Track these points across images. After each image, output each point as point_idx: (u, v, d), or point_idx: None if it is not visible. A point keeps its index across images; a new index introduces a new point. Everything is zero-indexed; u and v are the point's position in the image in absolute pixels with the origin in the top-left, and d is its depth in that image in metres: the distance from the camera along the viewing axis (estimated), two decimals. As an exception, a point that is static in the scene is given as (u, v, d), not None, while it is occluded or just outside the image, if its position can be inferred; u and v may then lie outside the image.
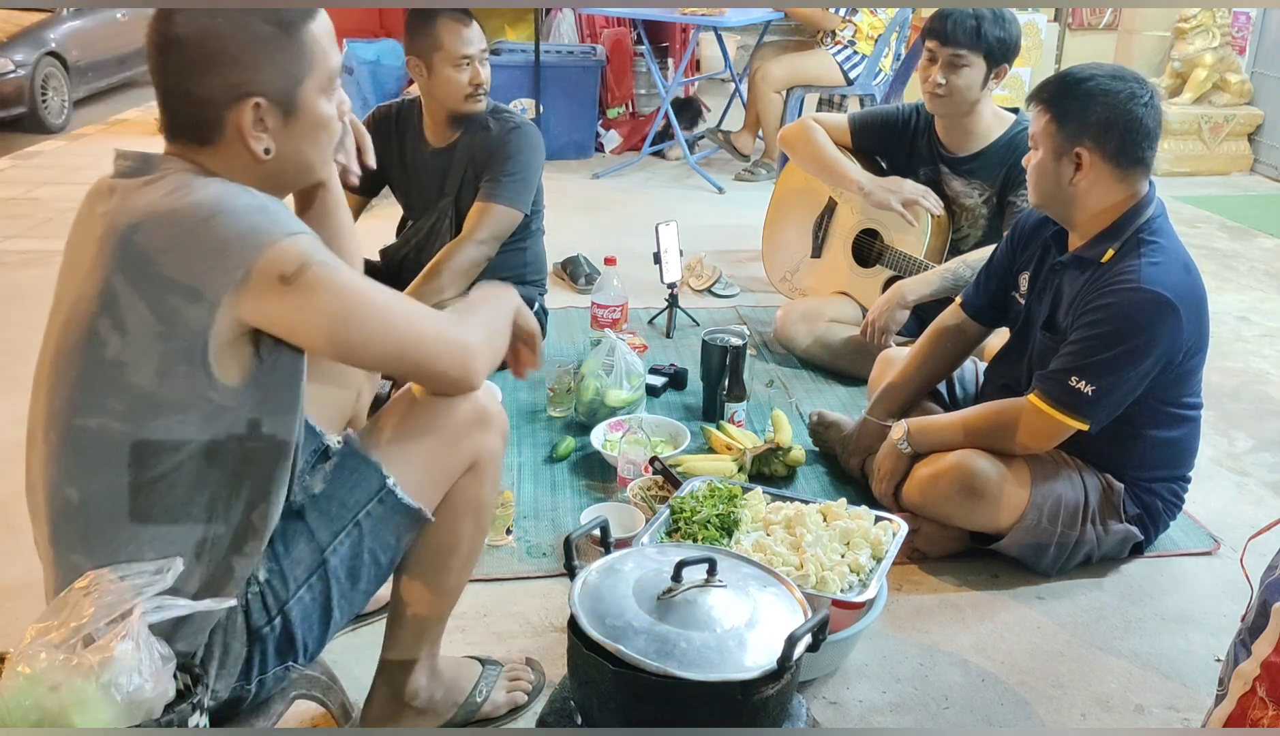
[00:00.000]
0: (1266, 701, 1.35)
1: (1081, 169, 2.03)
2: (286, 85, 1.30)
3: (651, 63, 6.11)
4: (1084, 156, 2.02)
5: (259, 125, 1.29)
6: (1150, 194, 2.09)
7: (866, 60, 5.21)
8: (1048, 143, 2.06)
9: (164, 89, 1.30)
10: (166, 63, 1.28)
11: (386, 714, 1.65)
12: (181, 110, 1.30)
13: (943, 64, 2.81)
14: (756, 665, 1.27)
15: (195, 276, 1.21)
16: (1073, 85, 2.03)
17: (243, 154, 1.31)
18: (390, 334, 1.33)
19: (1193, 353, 2.09)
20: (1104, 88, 2.01)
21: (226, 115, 1.28)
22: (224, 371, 1.25)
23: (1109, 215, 2.07)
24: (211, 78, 1.27)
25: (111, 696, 1.14)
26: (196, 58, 1.26)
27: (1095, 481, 2.17)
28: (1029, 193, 2.16)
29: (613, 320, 3.18)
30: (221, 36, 1.26)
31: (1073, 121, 2.02)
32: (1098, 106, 2.00)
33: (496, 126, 2.87)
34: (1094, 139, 2.01)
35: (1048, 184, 2.09)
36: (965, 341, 2.46)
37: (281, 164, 1.34)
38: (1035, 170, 2.10)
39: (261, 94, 1.28)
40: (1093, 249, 2.09)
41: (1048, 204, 2.13)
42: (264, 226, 1.23)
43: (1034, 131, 2.10)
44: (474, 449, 1.51)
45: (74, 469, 1.28)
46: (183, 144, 1.32)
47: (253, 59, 1.28)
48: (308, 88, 1.33)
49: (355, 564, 1.44)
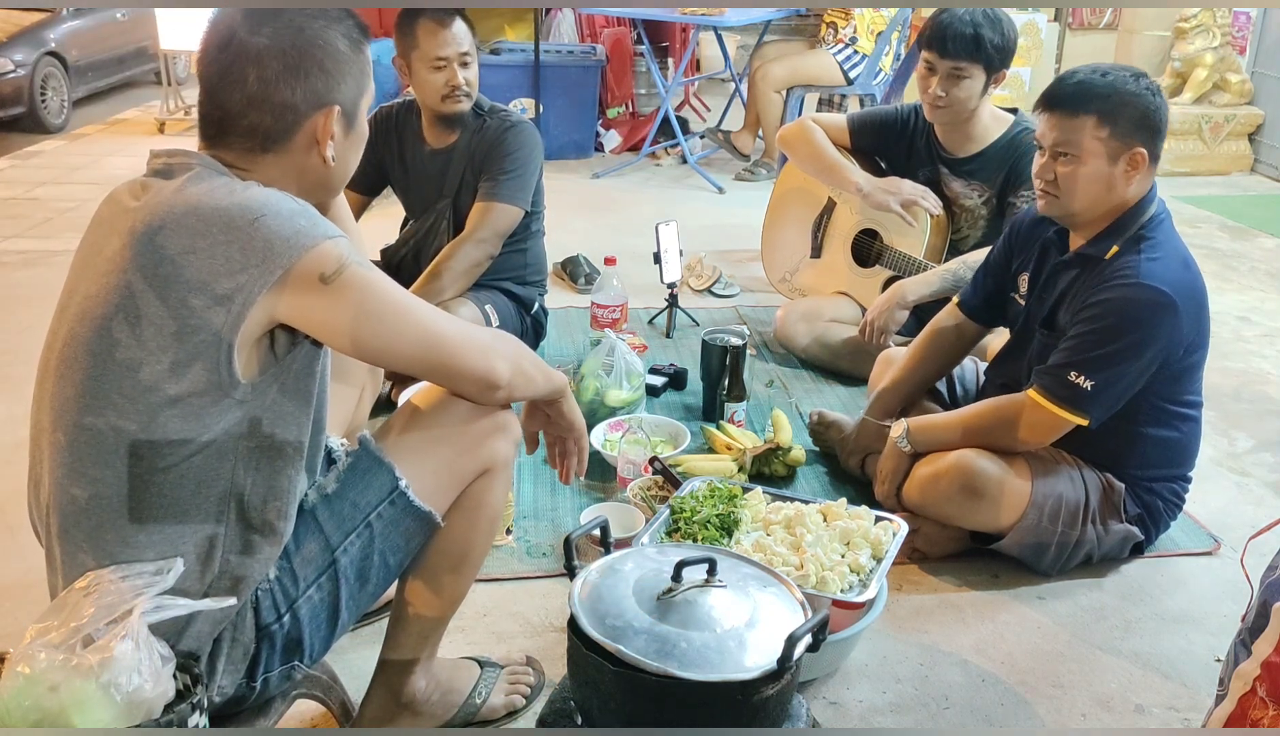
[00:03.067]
0: (1267, 701, 1.35)
1: (1137, 170, 2.03)
2: (355, 97, 1.40)
3: (651, 63, 6.11)
4: (1141, 157, 2.02)
5: (331, 134, 1.37)
6: (1153, 192, 2.09)
7: (867, 60, 5.21)
8: (1100, 148, 2.01)
9: (240, 94, 1.32)
10: (251, 70, 1.31)
11: (384, 715, 1.64)
12: (253, 115, 1.33)
13: (942, 76, 2.81)
14: (756, 665, 1.27)
15: (233, 275, 1.23)
16: (1109, 88, 2.01)
17: (304, 161, 1.38)
18: (417, 333, 1.37)
19: (1192, 350, 2.09)
20: (1133, 88, 2.01)
21: (305, 122, 1.35)
22: (244, 367, 1.27)
23: (1115, 212, 2.07)
24: (300, 85, 1.33)
25: (111, 696, 1.14)
26: (290, 66, 1.32)
27: (1096, 481, 2.17)
28: (1061, 202, 2.08)
29: (613, 320, 3.18)
30: (313, 50, 1.34)
31: (1125, 122, 2.00)
32: (1140, 105, 2.00)
33: (494, 126, 2.87)
34: (1144, 137, 2.01)
35: (1098, 189, 2.04)
36: (963, 341, 2.46)
37: (334, 173, 1.42)
38: (1084, 178, 2.03)
39: (340, 103, 1.37)
40: (1097, 246, 2.09)
41: (1089, 209, 2.07)
42: (306, 229, 1.28)
43: (1071, 139, 2.02)
44: (489, 454, 1.52)
45: (82, 467, 1.28)
46: (238, 151, 1.35)
47: (338, 70, 1.37)
48: (364, 102, 1.43)
49: (365, 565, 1.45)
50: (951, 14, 2.80)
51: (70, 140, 6.49)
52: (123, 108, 7.63)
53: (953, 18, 2.79)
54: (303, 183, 1.39)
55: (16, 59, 6.81)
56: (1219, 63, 5.95)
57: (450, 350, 1.40)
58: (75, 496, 1.29)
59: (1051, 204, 2.11)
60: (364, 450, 1.47)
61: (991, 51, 2.77)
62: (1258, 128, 6.04)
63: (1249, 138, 6.08)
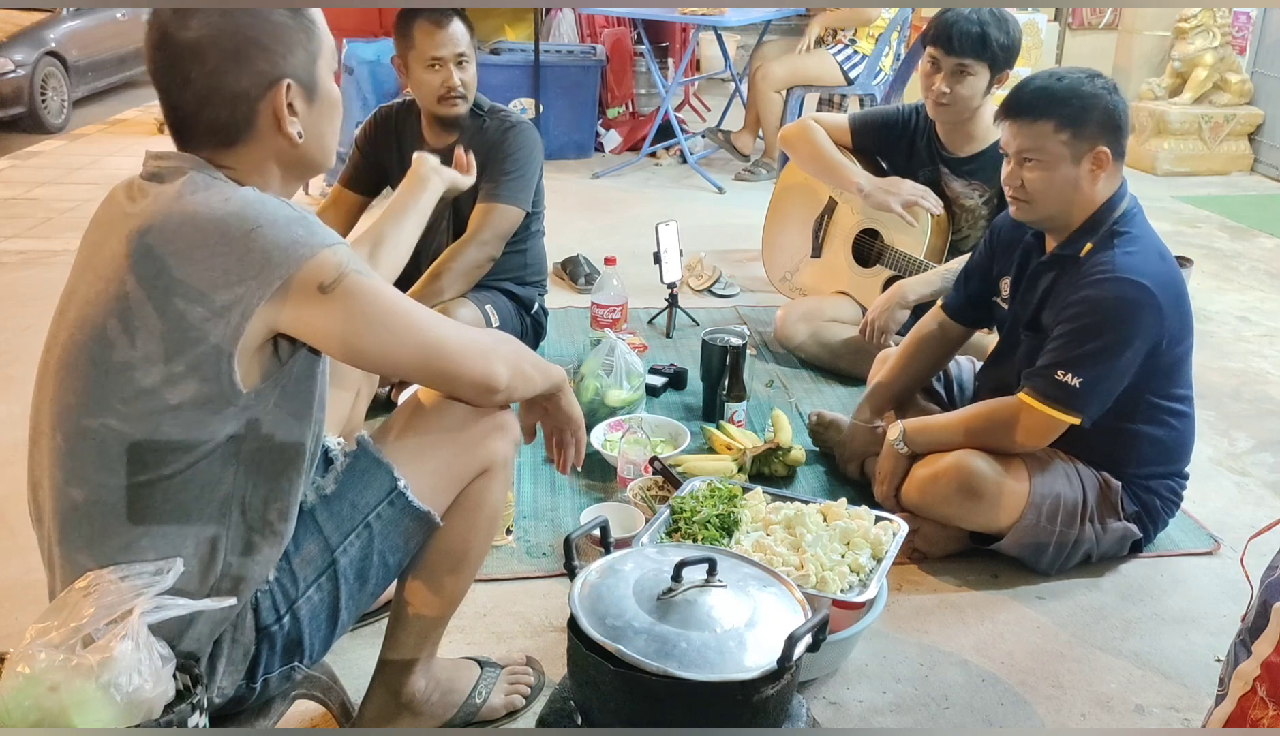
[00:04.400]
0: (1267, 701, 1.35)
1: (1102, 168, 2.05)
2: (307, 65, 1.34)
3: (651, 63, 6.11)
4: (1104, 155, 2.04)
5: (290, 109, 1.32)
6: (1123, 187, 2.12)
7: (867, 60, 5.21)
8: (1063, 151, 2.04)
9: (190, 94, 1.29)
10: (191, 68, 1.28)
11: (384, 715, 1.64)
12: (209, 112, 1.30)
13: (947, 73, 2.81)
14: (756, 665, 1.27)
15: (231, 287, 1.22)
16: (1065, 91, 2.04)
17: (274, 144, 1.33)
18: (417, 341, 1.36)
19: (1177, 341, 2.10)
20: (1089, 88, 2.03)
21: (260, 106, 1.31)
22: (245, 374, 1.26)
23: (1086, 211, 2.09)
24: (244, 70, 1.29)
25: (111, 696, 1.14)
26: (227, 54, 1.28)
27: (1093, 479, 2.17)
28: (1032, 207, 2.10)
29: (613, 320, 3.18)
30: (245, 29, 1.29)
31: (1087, 124, 2.02)
32: (1099, 105, 2.03)
33: (494, 127, 2.87)
34: (1107, 137, 2.04)
35: (1065, 191, 2.06)
36: (947, 343, 2.48)
37: (307, 149, 1.36)
38: (1052, 182, 2.05)
39: (290, 76, 1.32)
40: (1071, 246, 2.11)
41: (1061, 211, 2.10)
42: (304, 238, 1.26)
43: (1035, 144, 2.05)
44: (488, 454, 1.52)
45: (82, 471, 1.27)
46: (210, 148, 1.32)
47: (278, 43, 1.31)
48: (321, 66, 1.37)
49: (364, 565, 1.45)
50: (957, 12, 2.80)
51: (70, 140, 6.49)
52: (123, 108, 7.64)
53: (959, 15, 2.79)
54: (282, 167, 1.36)
55: (16, 59, 6.81)
56: (1219, 63, 5.95)
57: (450, 357, 1.39)
58: (75, 499, 1.28)
59: (1023, 209, 2.14)
60: (363, 450, 1.47)
61: (997, 50, 2.78)
62: (1258, 128, 6.04)
63: (1249, 138, 6.08)
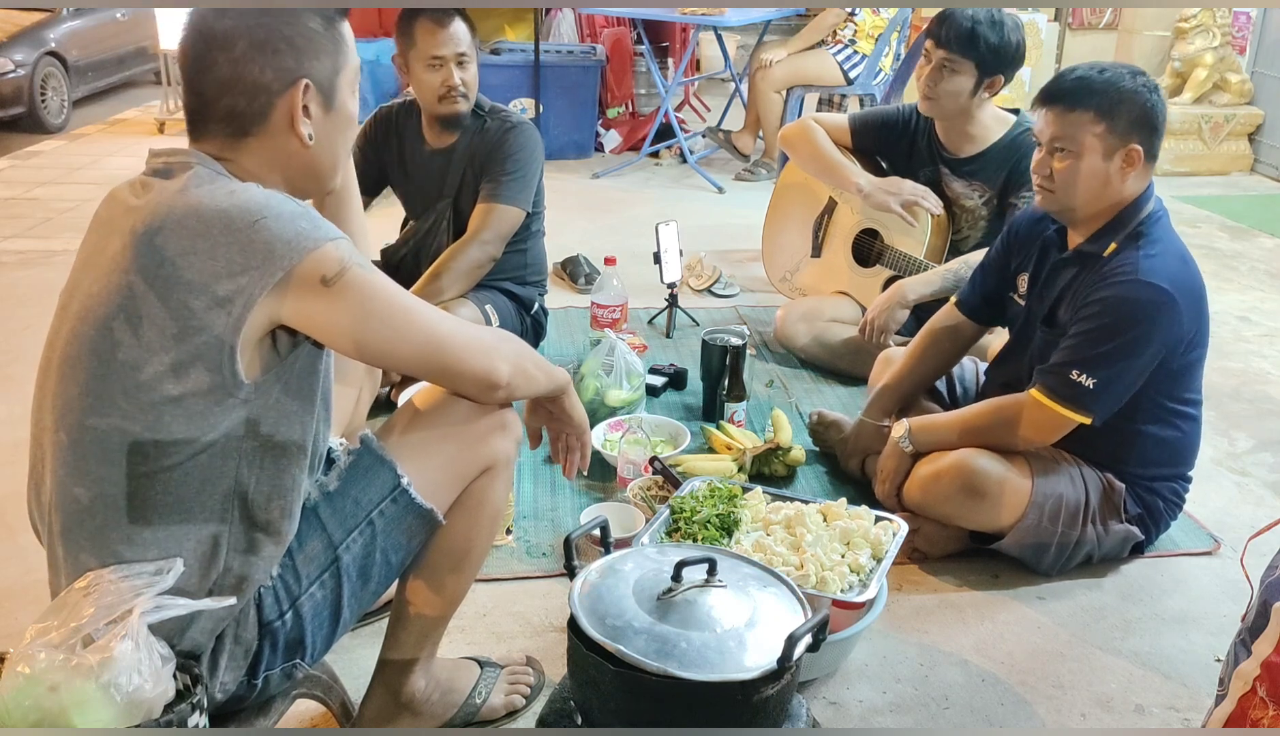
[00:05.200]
0: (1267, 701, 1.35)
1: (1133, 166, 2.03)
2: (329, 74, 1.37)
3: (651, 63, 6.11)
4: (1136, 153, 2.02)
5: (306, 110, 1.34)
6: (1150, 189, 2.10)
7: (867, 60, 5.21)
8: (1096, 144, 2.02)
9: (212, 79, 1.32)
10: (220, 54, 1.31)
11: (384, 715, 1.64)
12: (228, 100, 1.32)
13: (934, 66, 2.81)
14: (756, 665, 1.27)
15: (233, 277, 1.23)
16: (1104, 84, 2.02)
17: (285, 144, 1.35)
18: (419, 335, 1.37)
19: (1192, 346, 2.09)
20: (1130, 85, 2.02)
21: (278, 101, 1.33)
22: (247, 367, 1.27)
23: (1112, 209, 2.08)
24: (269, 63, 1.31)
25: (111, 696, 1.14)
26: (255, 45, 1.31)
27: (1096, 481, 2.16)
28: (1057, 197, 2.09)
29: (613, 320, 3.18)
30: (278, 25, 1.32)
31: (1122, 119, 2.01)
32: (1137, 102, 2.01)
33: (494, 127, 2.87)
34: (1141, 134, 2.02)
35: (1094, 185, 2.05)
36: (960, 341, 2.46)
37: (315, 155, 1.38)
38: (1081, 174, 2.04)
39: (311, 78, 1.34)
40: (1095, 243, 2.10)
41: (1086, 204, 2.08)
42: (308, 231, 1.27)
43: (1068, 134, 2.03)
44: (491, 452, 1.53)
45: (85, 467, 1.28)
46: (220, 139, 1.34)
47: (305, 44, 1.34)
48: (343, 80, 1.39)
49: (367, 562, 1.45)
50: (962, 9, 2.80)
51: (70, 140, 6.49)
52: (123, 108, 7.63)
53: (959, 10, 2.79)
54: (289, 170, 1.38)
55: (16, 59, 6.80)
56: (1219, 63, 5.95)
57: (452, 352, 1.40)
58: (78, 496, 1.28)
59: (1048, 199, 2.12)
60: (366, 448, 1.47)
61: (985, 50, 2.76)
62: (1258, 128, 6.04)
63: (1249, 138, 6.08)
